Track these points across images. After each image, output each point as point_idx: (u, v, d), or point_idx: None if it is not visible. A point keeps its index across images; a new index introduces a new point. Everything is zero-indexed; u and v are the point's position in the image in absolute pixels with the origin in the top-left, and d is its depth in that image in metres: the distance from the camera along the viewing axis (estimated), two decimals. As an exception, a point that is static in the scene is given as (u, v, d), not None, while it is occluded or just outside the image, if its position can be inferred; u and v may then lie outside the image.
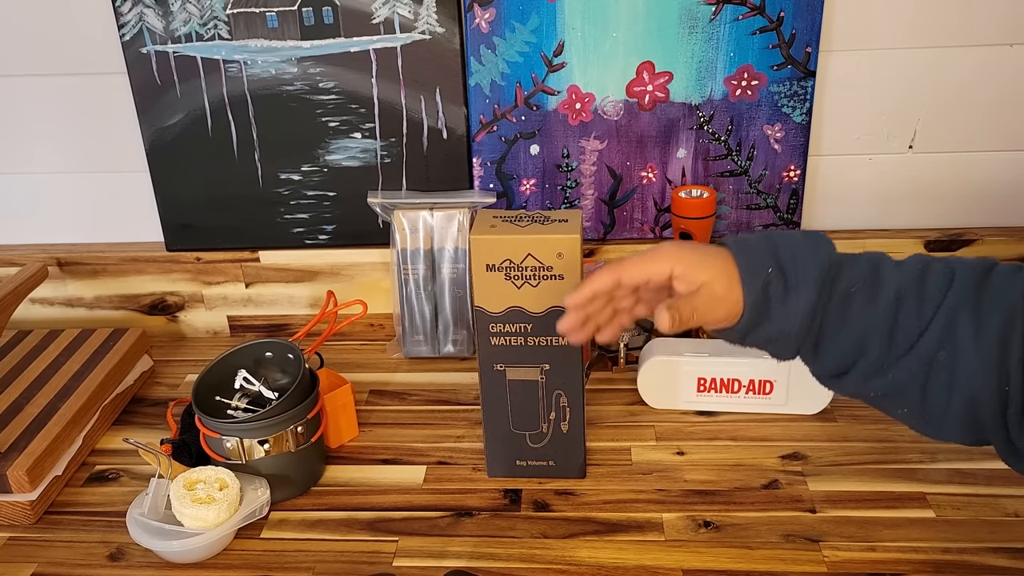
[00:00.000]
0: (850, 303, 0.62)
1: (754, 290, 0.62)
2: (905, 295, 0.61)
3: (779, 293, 0.62)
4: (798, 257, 0.62)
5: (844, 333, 0.62)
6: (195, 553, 0.76)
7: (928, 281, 0.61)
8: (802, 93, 0.99)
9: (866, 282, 0.62)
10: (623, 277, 0.64)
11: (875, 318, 0.61)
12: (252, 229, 1.10)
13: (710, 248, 0.65)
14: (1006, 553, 0.74)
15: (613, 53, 0.99)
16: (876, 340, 0.61)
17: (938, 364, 0.60)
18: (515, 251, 0.75)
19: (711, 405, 0.94)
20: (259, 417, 0.81)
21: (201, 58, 1.02)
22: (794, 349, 0.64)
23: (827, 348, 0.63)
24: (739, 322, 0.63)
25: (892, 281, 0.61)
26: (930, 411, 0.61)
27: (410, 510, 0.83)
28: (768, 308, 0.62)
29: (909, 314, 0.60)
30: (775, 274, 0.62)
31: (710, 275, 0.62)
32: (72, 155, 1.10)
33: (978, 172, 1.05)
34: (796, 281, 0.62)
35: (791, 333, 0.62)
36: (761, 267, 0.62)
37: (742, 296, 0.62)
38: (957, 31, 0.98)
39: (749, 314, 0.62)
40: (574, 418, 0.82)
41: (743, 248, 0.64)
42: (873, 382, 0.62)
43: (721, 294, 0.62)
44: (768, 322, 0.62)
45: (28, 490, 0.82)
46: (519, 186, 1.06)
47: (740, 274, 0.62)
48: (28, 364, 0.99)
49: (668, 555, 0.75)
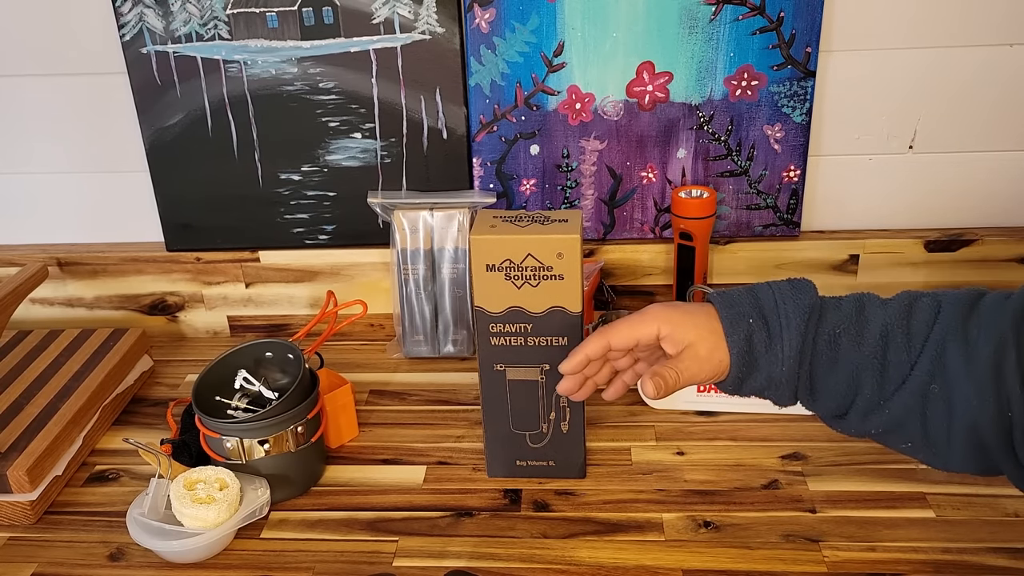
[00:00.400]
0: (837, 344, 0.63)
1: (738, 341, 0.64)
2: (892, 332, 0.62)
3: (763, 342, 0.64)
4: (780, 305, 0.64)
5: (835, 374, 0.63)
6: (195, 553, 0.76)
7: (914, 316, 0.62)
8: (802, 93, 0.99)
9: (851, 323, 0.63)
10: (612, 341, 0.67)
11: (863, 357, 0.62)
12: (252, 229, 1.10)
13: (696, 307, 0.67)
14: (1006, 553, 0.74)
15: (613, 53, 0.99)
16: (868, 378, 0.62)
17: (933, 396, 0.60)
18: (515, 251, 0.75)
19: (711, 405, 0.94)
20: (259, 417, 0.81)
21: (201, 58, 1.02)
22: (791, 395, 0.65)
23: (822, 391, 0.64)
24: (729, 375, 0.65)
25: (877, 319, 0.63)
26: (933, 443, 0.62)
27: (410, 510, 0.83)
28: (754, 358, 0.64)
29: (898, 350, 0.61)
30: (757, 324, 0.64)
31: (695, 335, 0.65)
32: (72, 155, 1.10)
33: (978, 172, 1.05)
34: (779, 328, 0.63)
35: (781, 380, 0.64)
36: (743, 318, 0.64)
37: (727, 351, 0.64)
38: (957, 31, 0.98)
39: (736, 365, 0.64)
40: (574, 418, 0.82)
41: (726, 302, 0.66)
42: (872, 419, 0.63)
43: (704, 355, 0.64)
44: (757, 371, 0.64)
45: (28, 490, 0.82)
46: (519, 186, 1.06)
47: (723, 327, 0.64)
48: (28, 364, 0.99)
49: (668, 555, 0.75)
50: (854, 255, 1.06)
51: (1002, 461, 0.60)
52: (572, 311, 0.77)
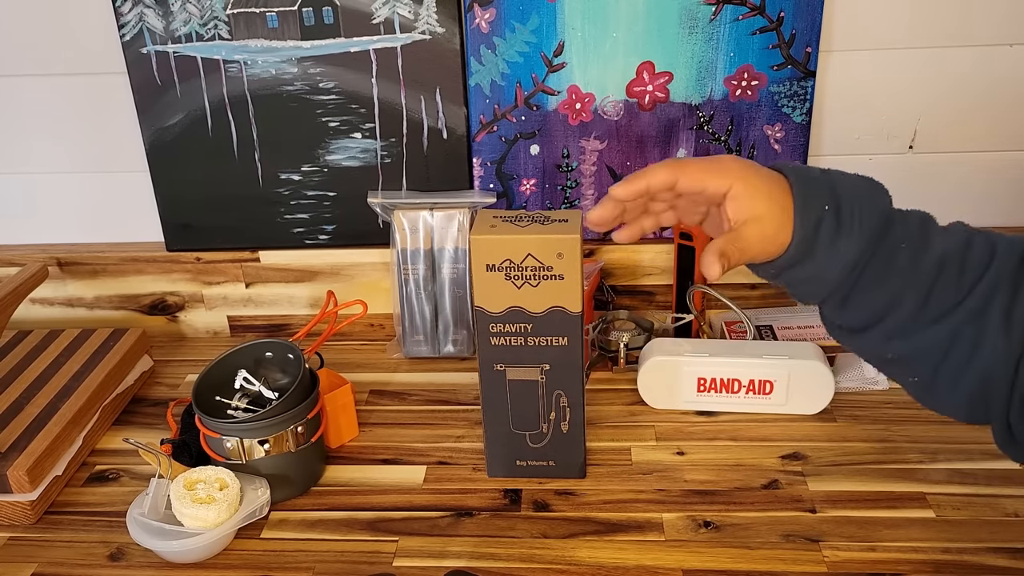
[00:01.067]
0: (894, 259, 0.59)
1: (806, 225, 0.58)
2: (948, 261, 0.59)
3: (829, 234, 0.58)
4: (856, 200, 0.59)
5: (880, 289, 0.59)
6: (195, 553, 0.76)
7: (971, 252, 0.59)
8: (802, 93, 0.99)
9: (913, 240, 0.59)
10: (681, 180, 0.60)
11: (915, 279, 0.59)
12: (252, 229, 1.10)
13: (770, 174, 0.60)
14: (1006, 553, 0.74)
15: (613, 53, 0.99)
16: (910, 301, 0.59)
17: (963, 338, 0.58)
18: (515, 251, 0.75)
19: (711, 405, 0.94)
20: (259, 417, 0.81)
21: (201, 58, 1.02)
22: (823, 296, 0.61)
23: (858, 301, 0.60)
24: (781, 256, 0.59)
25: (939, 245, 0.59)
26: (940, 383, 0.60)
27: (410, 510, 0.83)
28: (814, 248, 0.59)
29: (949, 281, 0.59)
30: (830, 213, 0.58)
31: (766, 208, 0.58)
32: (72, 155, 1.10)
33: (978, 172, 1.05)
34: (850, 226, 0.58)
35: (829, 278, 0.59)
36: (817, 203, 0.58)
37: (791, 231, 0.58)
38: (957, 31, 0.98)
39: (795, 250, 0.59)
40: (574, 418, 0.82)
41: (802, 178, 0.60)
42: (894, 343, 0.60)
43: (771, 233, 0.58)
44: (810, 262, 0.59)
45: (28, 490, 0.82)
46: (519, 186, 1.06)
47: (795, 206, 0.58)
48: (28, 364, 0.99)
49: (668, 555, 0.75)
50: (854, 255, 1.06)
51: (995, 415, 0.59)
52: (572, 311, 0.77)
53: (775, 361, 0.91)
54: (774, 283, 0.63)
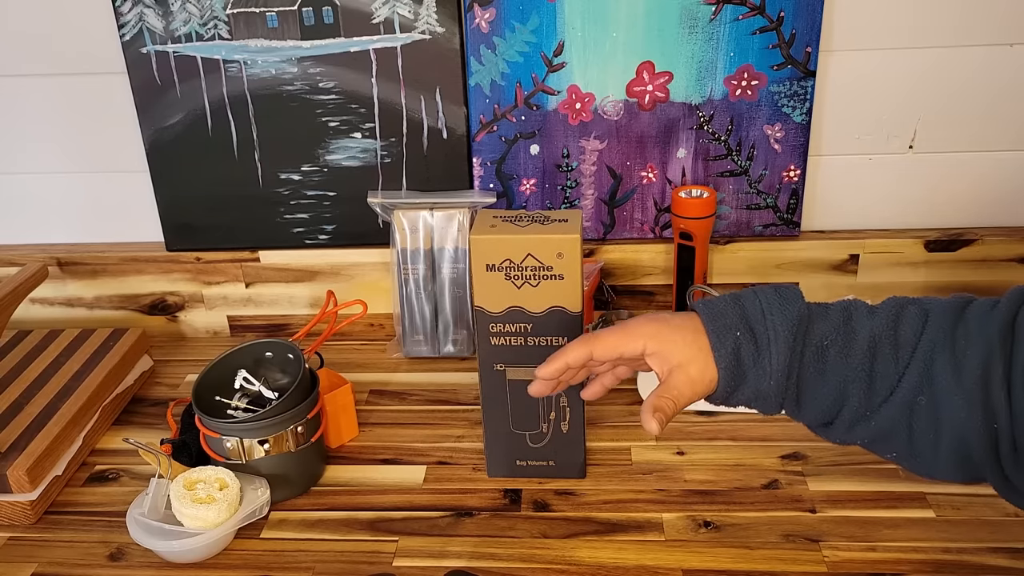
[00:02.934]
0: (824, 356, 0.61)
1: (726, 356, 0.62)
2: (879, 343, 0.61)
3: (751, 355, 0.62)
4: (767, 315, 0.62)
5: (822, 386, 0.62)
6: (195, 553, 0.76)
7: (902, 326, 0.61)
8: (802, 93, 0.99)
9: (838, 334, 0.61)
10: (596, 353, 0.65)
11: (851, 369, 0.61)
12: (252, 229, 1.10)
13: (682, 320, 0.65)
14: (1006, 553, 0.74)
15: (613, 53, 0.99)
16: (855, 390, 0.61)
17: (919, 408, 0.59)
18: (515, 251, 0.75)
19: (711, 405, 0.94)
20: (259, 417, 0.81)
21: (201, 58, 1.02)
22: (777, 405, 0.64)
23: (808, 402, 0.63)
24: (717, 389, 0.63)
25: (865, 329, 0.61)
26: (919, 454, 0.61)
27: (410, 510, 0.83)
28: (742, 371, 0.62)
29: (886, 361, 0.60)
30: (745, 337, 0.62)
31: (684, 355, 0.63)
32: (72, 155, 1.10)
33: (978, 172, 1.05)
34: (767, 341, 0.62)
35: (769, 392, 0.62)
36: (730, 331, 0.62)
37: (715, 367, 0.62)
38: (957, 31, 0.98)
39: (724, 380, 0.62)
40: (574, 418, 0.82)
41: (712, 314, 0.63)
42: (857, 430, 0.62)
43: (696, 375, 0.62)
44: (745, 385, 0.63)
45: (28, 490, 0.82)
46: (519, 186, 1.06)
47: (711, 342, 0.62)
48: (28, 364, 0.99)
49: (668, 555, 0.75)
50: (854, 255, 1.06)
51: (987, 472, 0.59)
52: (572, 311, 0.77)
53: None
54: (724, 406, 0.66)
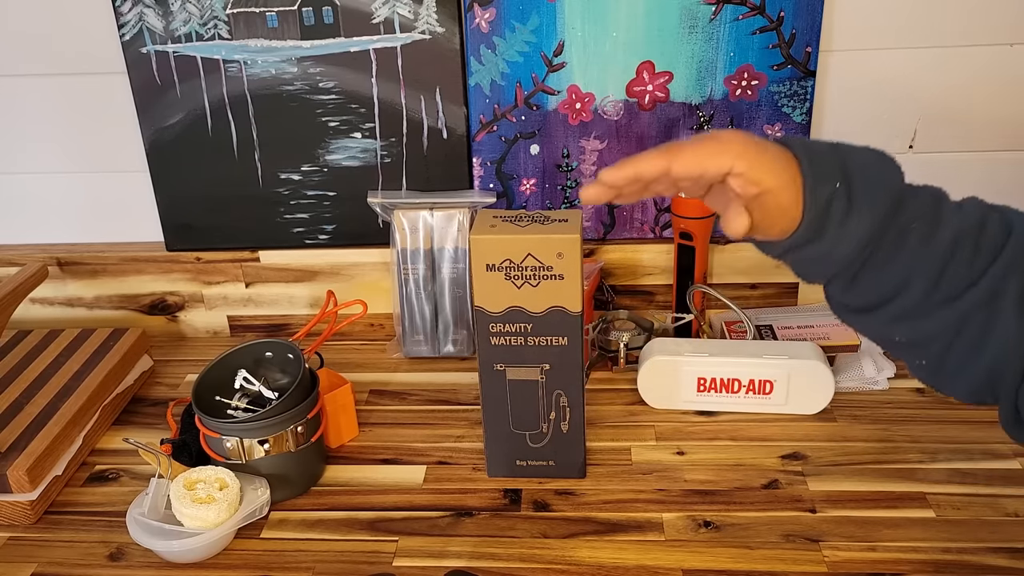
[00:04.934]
0: (906, 238, 0.57)
1: (817, 204, 0.56)
2: (962, 241, 0.56)
3: (841, 213, 0.56)
4: (868, 176, 0.57)
5: (890, 269, 0.57)
6: (195, 553, 0.76)
7: (986, 231, 0.57)
8: (802, 93, 0.99)
9: (926, 218, 0.57)
10: (674, 166, 0.56)
11: (927, 259, 0.56)
12: (252, 229, 1.10)
13: (774, 147, 0.57)
14: (1006, 553, 0.74)
15: (613, 53, 0.99)
16: (921, 282, 0.57)
17: (973, 323, 0.56)
18: (515, 251, 0.75)
19: (711, 405, 0.94)
20: (259, 417, 0.81)
21: (201, 58, 1.02)
22: (831, 275, 0.59)
23: (867, 281, 0.58)
24: (792, 235, 0.57)
25: (951, 223, 0.57)
26: (948, 367, 0.58)
27: (410, 510, 0.83)
28: (825, 226, 0.56)
29: (961, 262, 0.56)
30: (841, 190, 0.56)
31: (776, 181, 0.55)
32: (72, 155, 1.10)
33: (978, 172, 1.05)
34: (861, 203, 0.56)
35: (838, 258, 0.57)
36: (828, 180, 0.56)
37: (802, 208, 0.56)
38: (957, 31, 0.98)
39: (805, 229, 0.56)
40: (574, 418, 0.82)
41: (810, 154, 0.57)
42: (902, 326, 0.58)
43: (786, 204, 0.56)
44: (820, 241, 0.57)
45: (28, 490, 0.82)
46: (519, 186, 1.06)
47: (804, 183, 0.56)
48: (28, 364, 0.99)
49: (668, 555, 0.75)
50: (854, 255, 1.06)
51: (1002, 397, 0.58)
52: (572, 311, 0.77)
53: (775, 361, 0.91)
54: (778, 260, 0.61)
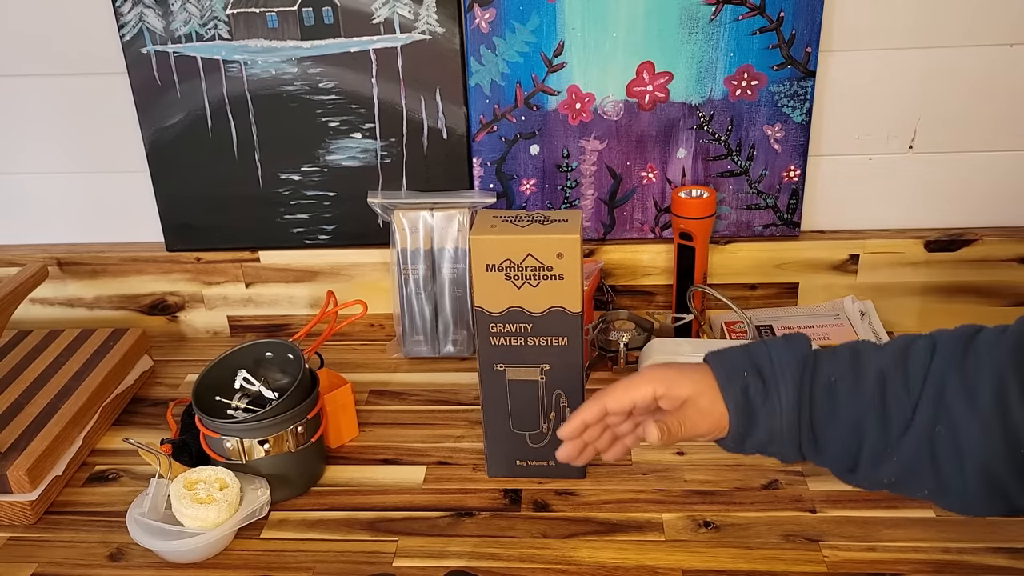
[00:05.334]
0: (835, 393, 0.62)
1: (734, 395, 0.64)
2: (888, 375, 0.61)
3: (759, 393, 0.63)
4: (774, 356, 0.64)
5: (837, 423, 0.62)
6: (195, 553, 0.76)
7: (910, 357, 0.61)
8: (802, 93, 0.99)
9: (847, 370, 0.62)
10: (608, 405, 0.66)
11: (863, 402, 0.61)
12: (252, 229, 1.10)
13: (691, 365, 0.67)
14: (1006, 553, 0.74)
15: (613, 53, 0.99)
16: (871, 425, 0.61)
17: (940, 439, 0.59)
18: (515, 251, 0.75)
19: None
20: (259, 417, 0.81)
21: (201, 58, 1.02)
22: (795, 448, 0.64)
23: (825, 442, 0.63)
24: (729, 430, 0.65)
25: (873, 364, 0.62)
26: (949, 488, 0.60)
27: (410, 510, 0.83)
28: (752, 411, 0.63)
29: (897, 394, 0.60)
30: (752, 376, 0.64)
31: (692, 390, 0.65)
32: (72, 155, 1.10)
33: (978, 172, 1.05)
34: (775, 379, 0.63)
35: (783, 431, 0.63)
36: (738, 372, 0.64)
37: (725, 405, 0.64)
38: (957, 31, 0.98)
39: (736, 420, 0.64)
40: (574, 418, 0.82)
41: (720, 359, 0.66)
42: (883, 468, 0.62)
43: (706, 407, 0.64)
44: (757, 425, 0.64)
45: (28, 490, 0.82)
46: (519, 186, 1.06)
47: (719, 382, 0.64)
48: (28, 364, 0.99)
49: (668, 555, 0.75)
50: (854, 255, 1.06)
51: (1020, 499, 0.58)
52: (572, 311, 0.77)
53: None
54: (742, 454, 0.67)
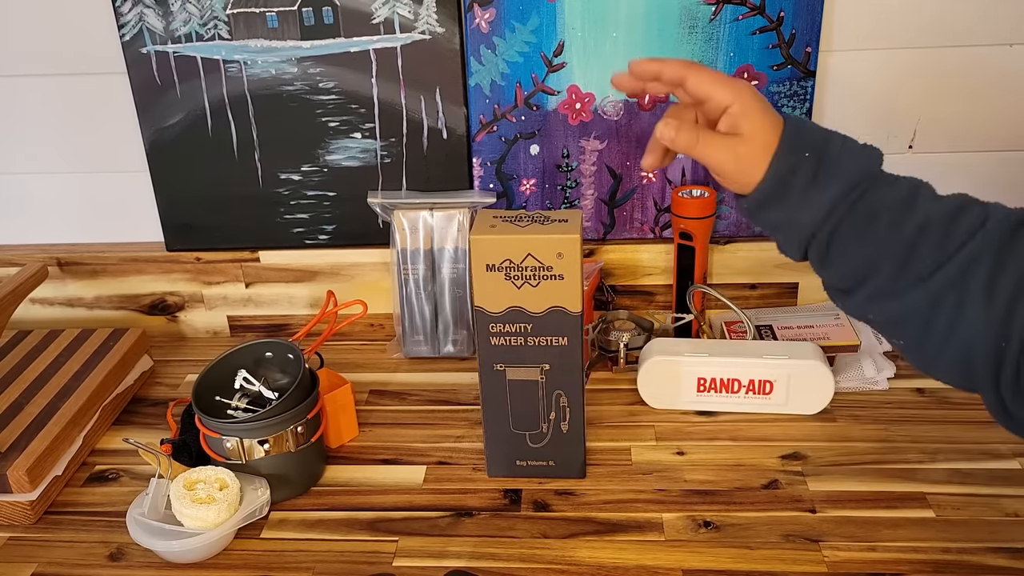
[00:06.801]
0: (875, 221, 0.60)
1: (782, 167, 0.61)
2: (932, 226, 0.59)
3: (806, 179, 0.61)
4: (840, 157, 0.61)
5: (857, 247, 0.61)
6: (195, 553, 0.76)
7: (960, 219, 0.59)
8: (802, 93, 0.99)
9: (897, 204, 0.60)
10: (689, 80, 0.65)
11: (894, 242, 0.60)
12: (252, 229, 1.10)
13: (772, 112, 0.64)
14: (1006, 553, 0.74)
15: (613, 53, 0.99)
16: (888, 263, 0.60)
17: (945, 304, 0.59)
18: (515, 251, 0.75)
19: (711, 405, 0.94)
20: (259, 417, 0.81)
21: (201, 58, 1.02)
22: (801, 247, 0.63)
23: (837, 258, 0.62)
24: (754, 193, 0.63)
25: (924, 210, 0.60)
26: (927, 348, 0.61)
27: (410, 510, 0.83)
28: (787, 191, 0.62)
29: (930, 245, 0.59)
30: (810, 160, 0.61)
31: (751, 133, 0.62)
32: (72, 155, 1.10)
33: (978, 172, 1.05)
34: (827, 176, 0.61)
35: (800, 226, 0.62)
36: (801, 150, 0.61)
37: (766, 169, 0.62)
38: (957, 31, 0.98)
39: (767, 187, 0.62)
40: (574, 418, 0.82)
41: (796, 129, 0.63)
42: (875, 306, 0.62)
43: (743, 154, 0.62)
44: (783, 204, 0.62)
45: (28, 490, 0.82)
46: (519, 186, 1.06)
47: (778, 147, 0.62)
48: (28, 364, 0.99)
49: (668, 555, 0.75)
50: (854, 255, 1.06)
51: (984, 387, 0.60)
52: (572, 311, 0.77)
53: (775, 361, 0.91)
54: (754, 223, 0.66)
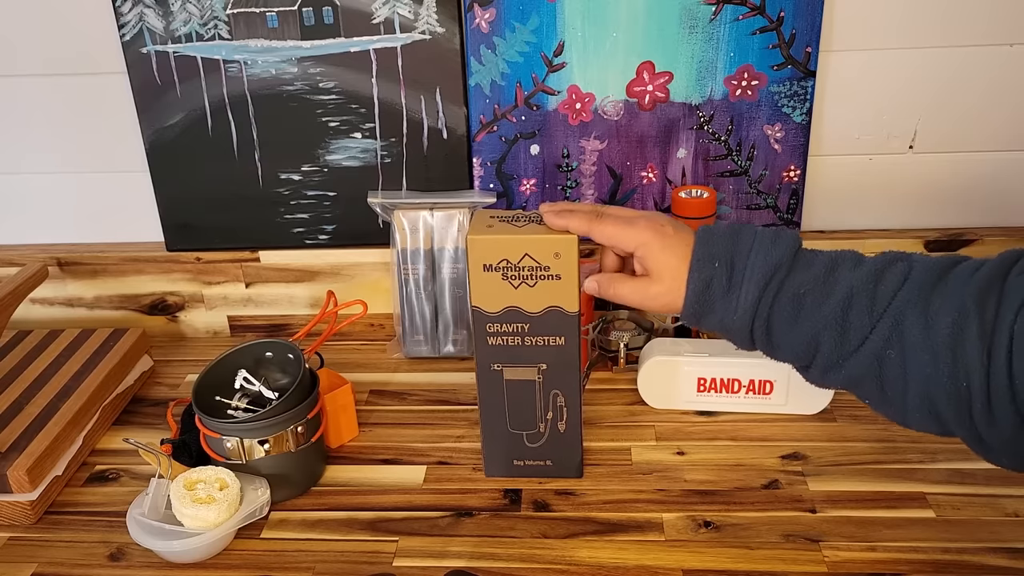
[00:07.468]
0: (801, 304, 0.64)
1: (697, 282, 0.66)
2: (857, 294, 0.62)
3: (722, 288, 0.65)
4: (752, 255, 0.65)
5: (795, 331, 0.64)
6: (195, 553, 0.76)
7: (883, 280, 0.62)
8: (802, 93, 0.99)
9: (817, 284, 0.64)
10: (593, 234, 0.71)
11: (824, 318, 0.63)
12: (252, 229, 1.10)
13: (678, 237, 0.68)
14: (1006, 553, 0.74)
15: (613, 53, 0.99)
16: (827, 338, 0.63)
17: (888, 361, 0.61)
18: (512, 251, 0.75)
19: (711, 405, 0.94)
20: (259, 417, 0.81)
21: (201, 58, 1.02)
22: (746, 342, 0.67)
23: (781, 345, 0.66)
24: (682, 311, 0.68)
25: (845, 282, 0.63)
26: (892, 405, 0.63)
27: (410, 510, 0.83)
28: (711, 301, 0.66)
29: (860, 313, 0.62)
30: (721, 269, 0.65)
31: (657, 272, 0.68)
32: (72, 155, 1.10)
33: (978, 172, 1.05)
34: (741, 279, 0.65)
35: (735, 327, 0.66)
36: (711, 260, 0.66)
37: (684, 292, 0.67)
38: (957, 31, 0.98)
39: (691, 303, 0.66)
40: (571, 418, 0.82)
41: (705, 239, 0.67)
42: (831, 376, 0.65)
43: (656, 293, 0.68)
44: (712, 314, 0.66)
45: (28, 490, 0.82)
46: (519, 186, 1.06)
47: (690, 265, 0.66)
48: (28, 364, 0.99)
49: (668, 555, 0.75)
50: (854, 255, 1.06)
51: (957, 428, 0.61)
52: (569, 311, 0.77)
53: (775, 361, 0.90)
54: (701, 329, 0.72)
